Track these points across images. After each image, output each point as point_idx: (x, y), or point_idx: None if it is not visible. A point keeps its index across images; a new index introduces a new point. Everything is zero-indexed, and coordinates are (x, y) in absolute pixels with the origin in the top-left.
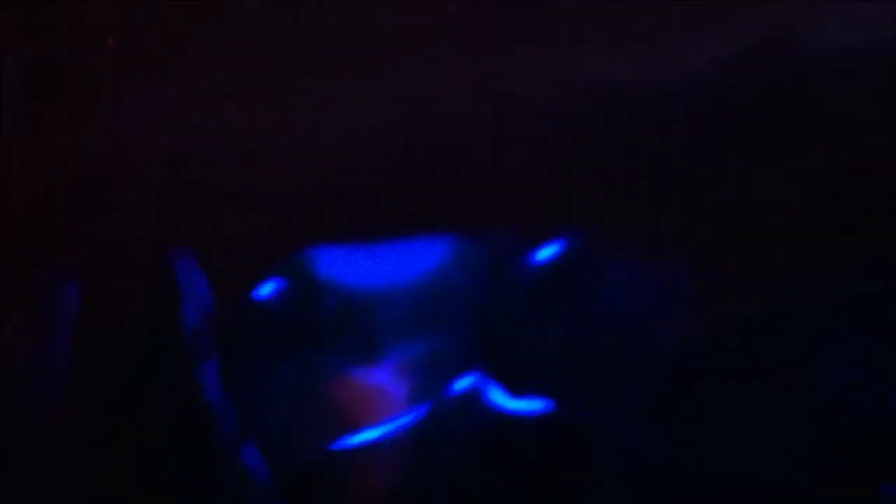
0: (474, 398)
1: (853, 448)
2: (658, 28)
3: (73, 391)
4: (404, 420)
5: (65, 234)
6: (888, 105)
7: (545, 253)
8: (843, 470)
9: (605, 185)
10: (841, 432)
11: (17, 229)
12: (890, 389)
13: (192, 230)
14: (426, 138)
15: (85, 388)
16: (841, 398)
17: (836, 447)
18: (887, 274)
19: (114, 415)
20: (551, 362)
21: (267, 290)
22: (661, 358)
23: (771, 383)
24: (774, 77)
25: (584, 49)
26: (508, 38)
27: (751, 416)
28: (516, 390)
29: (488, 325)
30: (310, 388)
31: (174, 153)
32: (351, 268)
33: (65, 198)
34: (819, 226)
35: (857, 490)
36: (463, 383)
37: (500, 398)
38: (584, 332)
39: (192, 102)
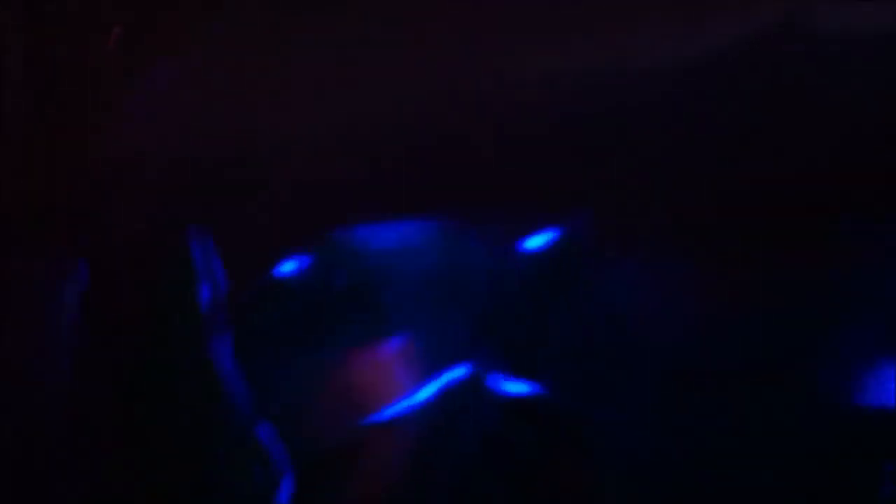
0: (474, 396)
1: (853, 446)
2: (656, 26)
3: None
4: (405, 408)
5: (65, 234)
6: (888, 105)
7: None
8: (843, 468)
9: (605, 181)
10: (841, 431)
11: (17, 229)
12: (890, 389)
13: (191, 230)
14: (427, 132)
15: (92, 376)
16: (841, 398)
17: (836, 446)
18: (888, 273)
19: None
20: (552, 361)
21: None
22: (661, 357)
23: (771, 383)
24: (773, 76)
25: (584, 47)
26: (509, 31)
27: (751, 416)
28: (516, 389)
29: (488, 323)
30: (315, 371)
31: (174, 153)
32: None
33: (65, 197)
34: (819, 225)
35: (857, 488)
36: (462, 380)
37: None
38: (585, 331)
39: (192, 102)
